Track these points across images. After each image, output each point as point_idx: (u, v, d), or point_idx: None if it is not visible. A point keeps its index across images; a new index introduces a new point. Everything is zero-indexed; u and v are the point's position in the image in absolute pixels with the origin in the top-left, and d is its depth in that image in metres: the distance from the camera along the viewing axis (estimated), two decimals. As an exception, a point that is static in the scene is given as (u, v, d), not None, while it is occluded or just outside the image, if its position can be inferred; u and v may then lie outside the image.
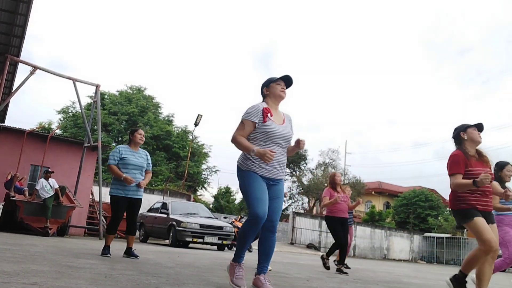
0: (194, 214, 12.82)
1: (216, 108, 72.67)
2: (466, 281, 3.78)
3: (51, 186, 10.63)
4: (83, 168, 13.16)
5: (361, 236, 23.88)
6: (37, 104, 60.37)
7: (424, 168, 73.82)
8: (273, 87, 3.30)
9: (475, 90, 73.50)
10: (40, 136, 13.50)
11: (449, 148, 3.95)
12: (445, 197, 34.94)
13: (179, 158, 29.13)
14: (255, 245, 3.87)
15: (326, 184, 28.71)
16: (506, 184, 4.77)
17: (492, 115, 68.94)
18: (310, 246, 21.87)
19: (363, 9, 68.37)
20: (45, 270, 3.22)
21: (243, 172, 3.16)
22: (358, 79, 70.62)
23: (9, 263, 3.44)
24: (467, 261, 3.68)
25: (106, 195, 5.51)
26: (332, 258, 7.31)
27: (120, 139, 28.35)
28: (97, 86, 13.16)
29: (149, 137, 27.83)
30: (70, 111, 29.95)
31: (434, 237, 26.18)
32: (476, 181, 3.48)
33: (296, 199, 34.77)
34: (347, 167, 33.45)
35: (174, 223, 11.67)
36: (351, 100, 71.10)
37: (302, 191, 33.32)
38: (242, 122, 3.17)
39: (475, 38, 73.14)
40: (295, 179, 33.43)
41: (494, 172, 4.84)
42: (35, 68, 11.22)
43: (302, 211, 30.63)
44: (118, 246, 7.04)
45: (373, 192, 40.50)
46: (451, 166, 3.72)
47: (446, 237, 25.59)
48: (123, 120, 28.83)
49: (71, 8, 69.25)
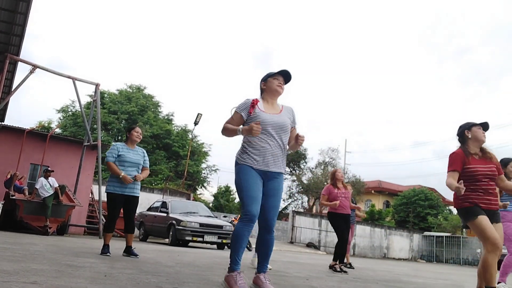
0: (194, 213, 12.83)
1: (216, 107, 72.71)
2: None
3: (50, 185, 10.63)
4: (83, 167, 13.16)
5: (360, 235, 23.89)
6: (36, 103, 60.38)
7: (423, 167, 73.88)
8: (270, 82, 3.25)
9: (475, 89, 73.59)
10: (39, 135, 13.50)
11: (449, 147, 3.97)
12: (444, 196, 34.95)
13: (179, 157, 29.14)
14: (253, 244, 3.88)
15: (326, 183, 28.77)
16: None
17: (492, 114, 68.98)
18: (310, 245, 21.88)
19: (363, 9, 68.41)
20: (45, 269, 3.22)
21: (239, 167, 3.10)
22: (358, 79, 70.69)
23: (9, 262, 3.44)
24: (484, 273, 3.49)
25: (105, 194, 5.50)
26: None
27: (119, 138, 28.35)
28: (96, 85, 13.15)
29: (149, 136, 27.84)
30: (69, 110, 29.97)
31: (433, 236, 26.19)
32: (458, 187, 3.45)
33: (295, 198, 34.81)
34: (347, 166, 33.44)
35: (174, 222, 11.68)
36: (351, 100, 71.19)
37: (302, 190, 33.33)
38: (232, 114, 3.20)
39: (475, 38, 73.18)
40: (295, 178, 33.45)
41: None
42: (34, 67, 11.21)
43: (302, 210, 30.65)
44: (118, 245, 7.04)
45: (372, 191, 40.53)
46: (448, 164, 3.78)
47: (445, 236, 25.60)
48: (123, 119, 28.83)
49: (70, 7, 69.26)
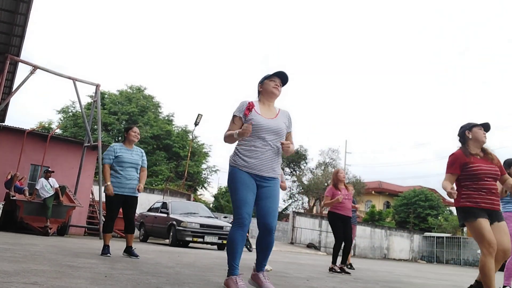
0: (194, 213, 12.83)
1: (216, 108, 72.75)
2: None
3: (51, 186, 10.64)
4: (83, 167, 13.16)
5: (361, 235, 23.87)
6: (37, 103, 60.43)
7: (424, 167, 73.77)
8: (266, 84, 3.23)
9: (475, 89, 73.59)
10: (40, 136, 13.50)
11: (449, 148, 3.97)
12: (445, 196, 34.88)
13: (179, 158, 29.13)
14: (254, 244, 3.89)
15: (326, 184, 28.75)
16: None
17: (492, 114, 68.98)
18: (310, 246, 21.88)
19: (363, 9, 68.44)
20: (45, 269, 3.22)
21: (231, 170, 3.09)
22: (358, 79, 70.70)
23: (9, 263, 3.44)
24: (483, 277, 3.47)
25: (104, 194, 5.55)
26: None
27: (120, 138, 28.35)
28: (97, 86, 13.16)
29: (149, 136, 27.85)
30: (70, 110, 29.96)
31: (434, 236, 26.18)
32: (450, 192, 3.49)
33: (296, 199, 34.80)
34: (347, 167, 33.42)
35: (174, 222, 11.67)
36: (351, 100, 71.19)
37: (302, 190, 33.31)
38: (232, 118, 3.16)
39: (474, 38, 73.20)
40: (295, 179, 33.45)
41: None
42: (35, 67, 11.22)
43: (302, 211, 30.63)
44: (118, 246, 7.04)
45: (373, 192, 40.50)
46: (446, 165, 3.79)
47: (446, 236, 25.59)
48: (123, 120, 28.83)
49: (71, 8, 69.32)
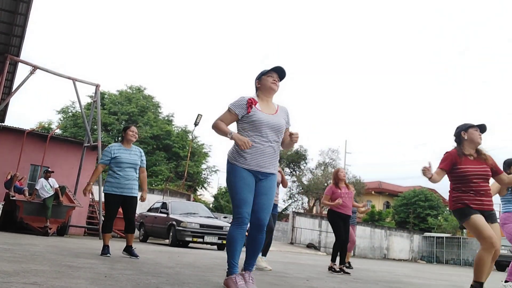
0: (194, 213, 12.82)
1: (216, 108, 72.72)
2: None
3: (51, 186, 10.64)
4: (83, 167, 13.16)
5: (361, 235, 23.86)
6: (37, 104, 60.39)
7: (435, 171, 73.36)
8: (264, 80, 3.19)
9: (475, 89, 73.58)
10: (40, 136, 13.51)
11: (449, 148, 3.98)
12: (445, 197, 34.94)
13: (179, 158, 29.13)
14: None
15: (326, 184, 28.75)
16: None
17: (492, 114, 69.01)
18: (310, 246, 21.87)
19: (363, 9, 68.46)
20: (45, 269, 3.22)
21: (230, 167, 3.04)
22: (358, 79, 70.70)
23: (9, 263, 3.43)
24: (476, 268, 3.56)
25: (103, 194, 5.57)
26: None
27: (120, 138, 28.35)
28: (97, 86, 13.17)
29: (149, 137, 27.85)
30: (70, 111, 29.96)
31: (434, 236, 26.18)
32: (425, 170, 3.69)
33: (296, 199, 34.79)
34: (347, 167, 33.38)
35: (174, 222, 11.67)
36: (351, 100, 71.18)
37: (302, 190, 33.31)
38: (226, 111, 3.12)
39: (475, 37, 73.23)
40: (295, 179, 33.45)
41: (503, 169, 4.87)
42: (35, 67, 11.22)
43: (302, 211, 30.63)
44: (118, 246, 7.04)
45: (373, 192, 40.51)
46: (439, 162, 3.87)
47: (446, 236, 25.59)
48: (123, 120, 28.83)
49: (71, 8, 69.27)
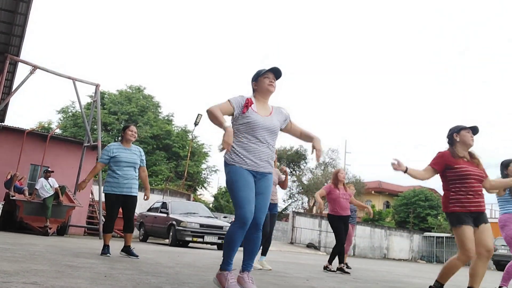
0: (194, 213, 12.83)
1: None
2: None
3: (51, 186, 10.64)
4: (83, 167, 13.14)
5: (361, 235, 23.88)
6: (37, 103, 60.34)
7: (424, 167, 73.47)
8: (261, 81, 3.17)
9: (475, 89, 73.57)
10: (40, 136, 13.50)
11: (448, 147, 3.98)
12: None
13: (179, 158, 29.14)
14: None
15: (326, 183, 28.76)
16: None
17: (492, 114, 68.99)
18: (310, 246, 21.87)
19: (363, 9, 68.43)
20: (45, 269, 3.22)
21: (229, 167, 3.03)
22: (358, 79, 70.67)
23: (9, 263, 3.43)
24: (444, 270, 3.64)
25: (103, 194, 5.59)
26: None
27: (120, 138, 28.36)
28: (97, 86, 13.16)
29: (149, 136, 27.85)
30: (70, 110, 29.97)
31: (433, 236, 26.18)
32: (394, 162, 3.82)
33: (296, 199, 34.81)
34: (347, 167, 33.38)
35: (174, 222, 11.67)
36: (351, 100, 71.13)
37: (302, 190, 33.33)
38: (225, 102, 3.08)
39: (475, 37, 73.22)
40: (295, 179, 33.46)
41: (500, 170, 4.87)
42: (35, 67, 11.21)
43: (302, 211, 30.64)
44: (118, 246, 7.03)
45: (373, 192, 40.50)
46: (431, 160, 3.93)
47: (445, 236, 25.58)
48: (123, 120, 28.83)
49: (71, 8, 69.25)
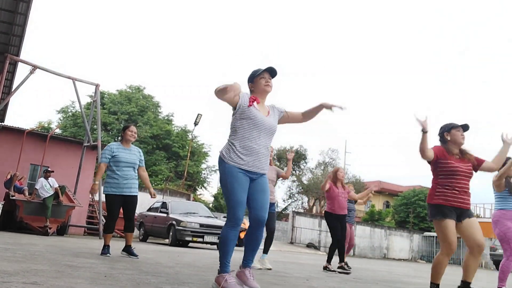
0: (194, 213, 12.82)
1: (216, 108, 72.75)
2: None
3: (50, 186, 10.64)
4: (83, 167, 13.16)
5: (360, 235, 23.88)
6: (36, 103, 60.30)
7: (424, 167, 73.65)
8: (257, 82, 3.18)
9: (475, 89, 73.61)
10: (39, 136, 13.50)
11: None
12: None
13: (178, 158, 29.14)
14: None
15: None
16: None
17: (492, 114, 69.04)
18: (310, 246, 21.88)
19: (363, 9, 68.44)
20: (45, 269, 3.22)
21: (225, 166, 3.01)
22: (358, 79, 70.72)
23: (9, 263, 3.43)
24: (433, 270, 3.72)
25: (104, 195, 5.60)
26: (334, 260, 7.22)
27: (119, 138, 28.36)
28: (96, 86, 13.16)
29: (148, 136, 27.85)
30: (69, 110, 29.96)
31: (433, 236, 26.13)
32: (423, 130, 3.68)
33: (295, 199, 34.81)
34: (347, 167, 33.39)
35: (174, 222, 11.67)
36: (351, 100, 71.12)
37: (302, 190, 33.32)
38: (234, 83, 3.02)
39: (475, 37, 73.25)
40: (295, 179, 33.45)
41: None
42: (34, 67, 11.21)
43: (302, 211, 30.65)
44: (118, 246, 7.03)
45: (373, 193, 40.50)
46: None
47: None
48: (122, 120, 28.82)
49: (71, 8, 69.23)
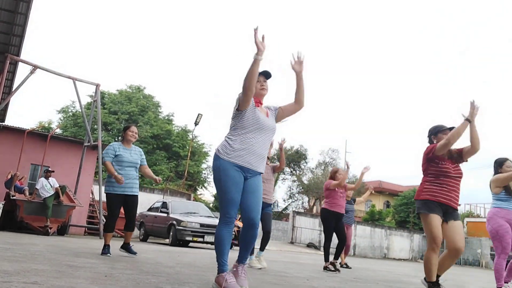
0: (194, 213, 12.82)
1: (216, 107, 72.70)
2: (440, 284, 3.78)
3: (51, 185, 10.64)
4: (83, 167, 13.16)
5: (361, 235, 23.88)
6: (37, 103, 60.32)
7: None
8: None
9: (475, 89, 73.56)
10: (40, 136, 13.50)
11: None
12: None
13: (179, 157, 29.14)
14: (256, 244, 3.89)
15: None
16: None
17: (492, 114, 68.95)
18: (310, 246, 21.87)
19: (363, 9, 68.41)
20: (45, 269, 3.22)
21: (220, 162, 2.98)
22: (358, 79, 70.67)
23: (9, 262, 3.44)
24: (426, 268, 3.75)
25: (104, 194, 5.60)
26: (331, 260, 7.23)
27: (120, 138, 28.37)
28: (97, 85, 13.17)
29: (149, 136, 27.86)
30: (70, 110, 29.97)
31: (434, 236, 26.18)
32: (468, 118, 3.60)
33: (296, 198, 34.83)
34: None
35: (174, 222, 11.68)
36: (351, 100, 71.12)
37: (302, 190, 33.34)
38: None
39: (475, 37, 73.21)
40: (295, 178, 33.46)
41: (493, 168, 4.89)
42: (35, 67, 11.22)
43: (302, 210, 30.65)
44: (118, 245, 7.03)
45: (373, 191, 40.51)
46: (432, 147, 3.84)
47: (446, 236, 25.60)
48: (123, 119, 28.83)
49: (71, 8, 69.23)
